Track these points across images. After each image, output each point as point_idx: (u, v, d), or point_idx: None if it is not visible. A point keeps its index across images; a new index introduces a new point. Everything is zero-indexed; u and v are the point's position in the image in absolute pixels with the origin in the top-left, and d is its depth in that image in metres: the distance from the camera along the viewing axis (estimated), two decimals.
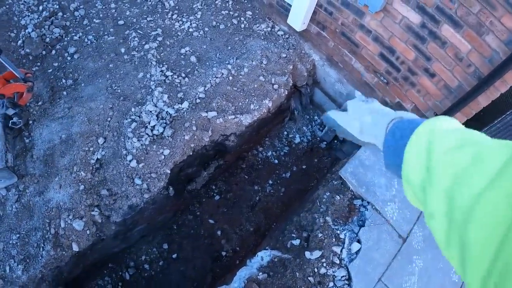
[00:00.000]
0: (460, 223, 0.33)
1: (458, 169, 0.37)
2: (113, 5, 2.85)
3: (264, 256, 2.14)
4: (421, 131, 0.47)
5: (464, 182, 0.35)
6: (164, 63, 2.48)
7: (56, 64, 2.57)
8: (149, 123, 2.26)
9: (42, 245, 2.13)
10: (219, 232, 2.51)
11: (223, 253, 2.49)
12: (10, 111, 2.24)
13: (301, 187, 2.63)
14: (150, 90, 2.36)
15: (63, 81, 2.49)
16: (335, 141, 2.74)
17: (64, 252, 2.12)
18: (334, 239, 2.06)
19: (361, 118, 0.66)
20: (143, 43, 2.57)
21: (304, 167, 2.68)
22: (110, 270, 2.51)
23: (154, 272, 2.48)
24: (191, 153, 2.28)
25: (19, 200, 2.25)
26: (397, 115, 0.61)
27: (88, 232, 2.11)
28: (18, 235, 2.19)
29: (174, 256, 2.47)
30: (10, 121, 2.27)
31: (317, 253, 2.02)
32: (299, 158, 2.69)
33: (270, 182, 2.63)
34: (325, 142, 2.75)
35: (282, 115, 2.68)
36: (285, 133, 2.75)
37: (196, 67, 2.47)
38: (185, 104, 2.33)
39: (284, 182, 2.64)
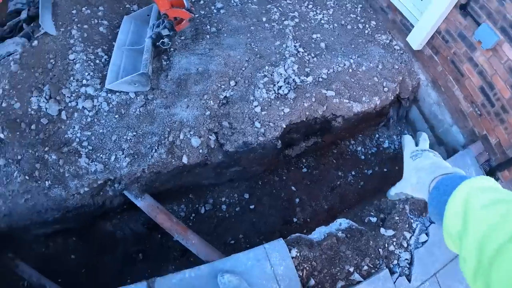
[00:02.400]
0: (486, 268, 0.44)
1: (488, 224, 0.48)
2: None
3: (342, 222, 2.63)
4: (462, 189, 0.59)
5: (492, 235, 0.46)
6: (298, 41, 3.16)
7: (203, 12, 3.28)
8: (277, 82, 2.89)
9: (156, 148, 2.67)
10: (297, 200, 3.02)
11: (295, 219, 2.98)
12: (165, 32, 2.88)
13: (378, 187, 3.16)
14: (284, 57, 3.01)
15: (208, 27, 3.18)
16: None
17: (173, 160, 2.65)
18: (407, 225, 2.56)
19: (410, 180, 0.83)
20: (283, 19, 3.28)
21: (385, 170, 3.23)
22: (189, 200, 3.01)
23: (228, 215, 2.97)
24: (304, 119, 2.87)
25: (144, 106, 2.83)
26: (439, 172, 0.74)
27: (200, 151, 2.66)
28: (134, 133, 2.75)
29: (252, 207, 2.97)
30: (161, 40, 2.92)
31: (390, 232, 2.52)
32: (383, 161, 3.25)
33: (353, 173, 3.17)
34: None
35: (379, 118, 3.28)
36: (377, 135, 3.34)
37: (324, 53, 3.14)
38: (310, 78, 2.96)
39: (364, 177, 3.18)
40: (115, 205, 2.96)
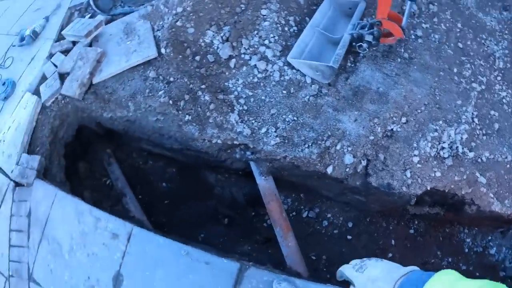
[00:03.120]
0: None
1: None
2: (459, 25, 3.47)
3: None
4: (430, 284, 0.70)
5: None
6: (477, 110, 3.05)
7: None
8: (443, 142, 2.85)
9: (310, 144, 2.69)
10: (389, 254, 3.06)
11: None
12: (369, 37, 2.82)
13: None
14: (459, 120, 2.95)
15: (401, 50, 3.09)
16: None
17: (318, 165, 2.67)
18: None
19: None
20: (472, 79, 3.17)
21: (477, 274, 3.24)
22: (297, 198, 3.09)
23: (324, 231, 3.04)
24: (445, 190, 2.85)
25: (315, 97, 2.83)
26: (397, 276, 0.79)
27: (347, 169, 2.67)
28: (294, 118, 2.76)
29: (349, 237, 3.03)
30: (359, 43, 2.87)
31: None
32: (480, 264, 3.24)
33: (449, 259, 3.19)
34: (504, 273, 3.31)
35: (503, 224, 3.26)
36: (489, 237, 3.33)
37: (494, 135, 3.06)
38: (471, 154, 2.90)
39: (457, 269, 3.19)
40: (232, 167, 3.04)
